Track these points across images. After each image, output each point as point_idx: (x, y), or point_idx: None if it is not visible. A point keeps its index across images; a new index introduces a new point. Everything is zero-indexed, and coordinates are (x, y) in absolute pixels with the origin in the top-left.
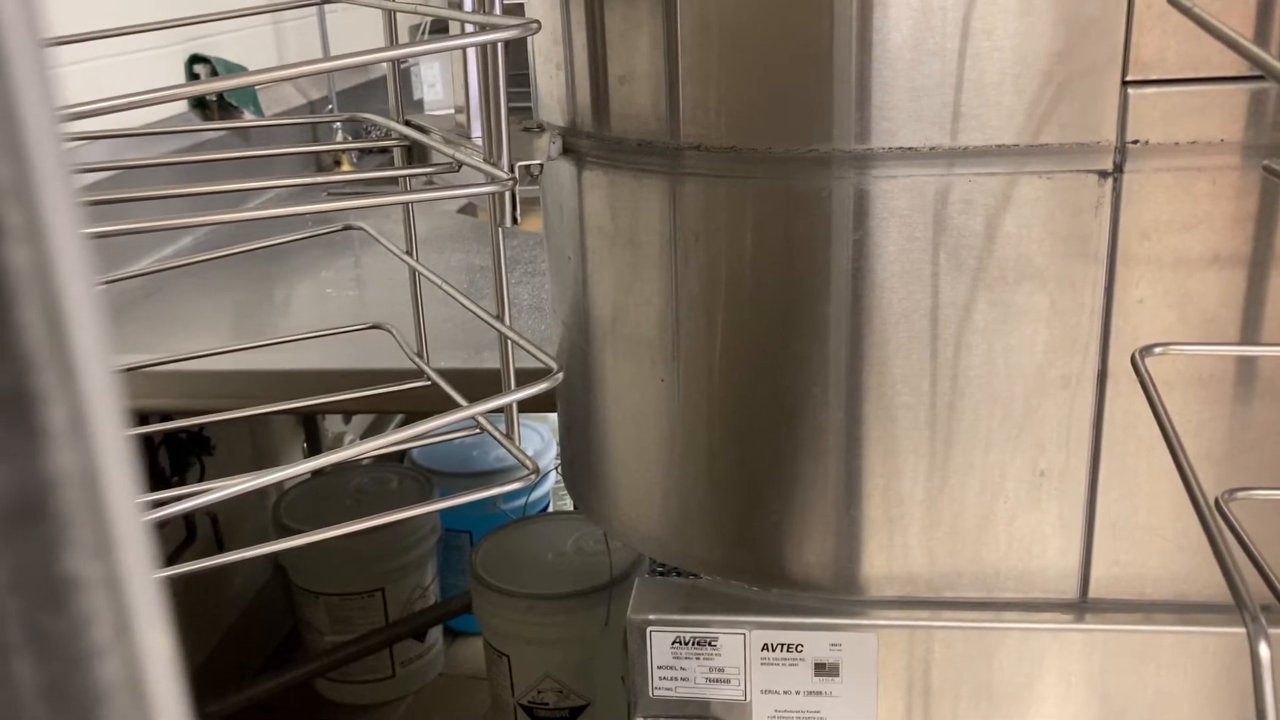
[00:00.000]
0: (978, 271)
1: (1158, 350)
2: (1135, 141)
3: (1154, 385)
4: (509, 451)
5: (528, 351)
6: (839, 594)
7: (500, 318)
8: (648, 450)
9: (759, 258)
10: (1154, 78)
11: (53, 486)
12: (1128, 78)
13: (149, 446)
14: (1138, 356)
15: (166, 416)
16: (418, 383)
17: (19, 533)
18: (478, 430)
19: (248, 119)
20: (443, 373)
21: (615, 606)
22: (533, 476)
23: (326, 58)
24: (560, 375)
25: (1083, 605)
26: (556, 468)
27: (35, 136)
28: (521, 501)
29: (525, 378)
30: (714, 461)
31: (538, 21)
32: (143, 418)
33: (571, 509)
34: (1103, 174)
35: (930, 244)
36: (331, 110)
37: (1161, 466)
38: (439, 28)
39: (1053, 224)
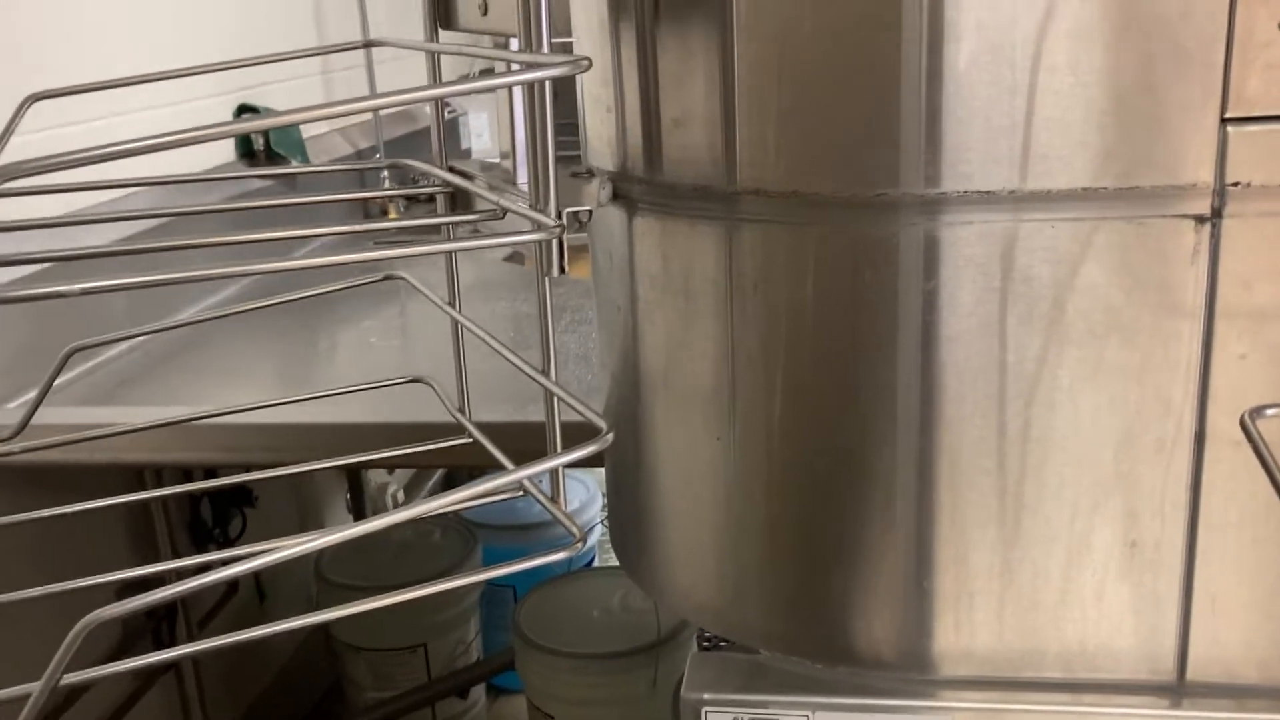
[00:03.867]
0: (1061, 325)
1: (1270, 412)
2: (1235, 184)
3: (1267, 448)
4: (554, 517)
5: (576, 410)
6: (909, 673)
7: (545, 372)
8: (702, 514)
9: (822, 309)
10: (1257, 114)
11: None
12: (1227, 115)
13: (192, 499)
14: (1248, 418)
15: (210, 470)
16: (459, 439)
17: None
18: (522, 493)
19: (295, 168)
20: (486, 426)
21: (663, 667)
22: (579, 546)
23: (370, 96)
24: (610, 437)
25: (1178, 689)
26: (603, 520)
27: None
28: (567, 555)
29: (572, 433)
30: (774, 528)
31: (588, 59)
32: (186, 473)
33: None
34: (1199, 219)
35: (1008, 295)
36: (378, 159)
37: (1268, 536)
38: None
39: (1144, 273)
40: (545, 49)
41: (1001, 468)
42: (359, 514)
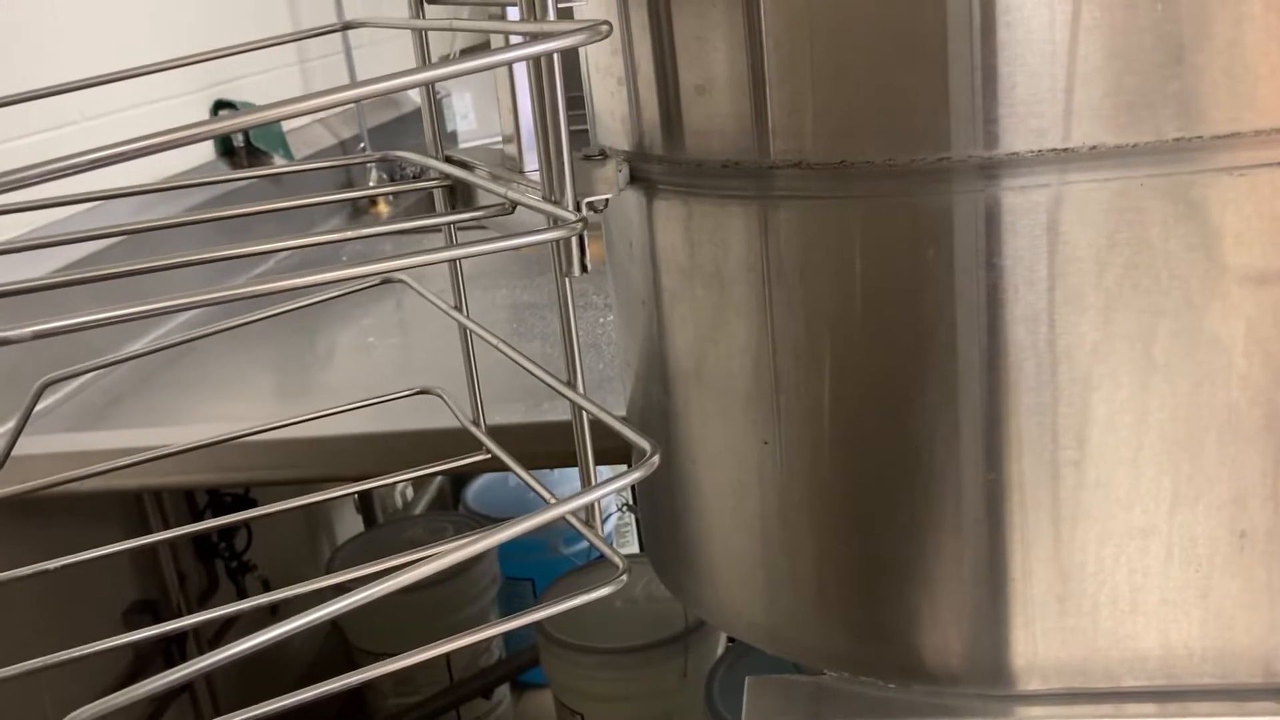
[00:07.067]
0: (1154, 295)
1: None
2: None
3: None
4: (598, 549)
5: (614, 429)
6: (995, 688)
7: (572, 384)
8: (751, 525)
9: (874, 293)
10: None
11: None
12: None
13: (194, 513)
14: None
15: (213, 491)
16: (476, 455)
17: None
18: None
19: (278, 164)
20: (500, 430)
21: (693, 657)
22: (624, 579)
23: (354, 84)
24: (656, 460)
25: None
26: (619, 507)
27: None
28: (585, 545)
29: (598, 436)
30: (832, 536)
31: (608, 23)
32: (188, 495)
33: (638, 549)
34: None
35: (1094, 264)
36: (364, 149)
37: None
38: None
39: (1248, 232)
40: (552, 15)
41: (1090, 458)
42: (368, 513)
